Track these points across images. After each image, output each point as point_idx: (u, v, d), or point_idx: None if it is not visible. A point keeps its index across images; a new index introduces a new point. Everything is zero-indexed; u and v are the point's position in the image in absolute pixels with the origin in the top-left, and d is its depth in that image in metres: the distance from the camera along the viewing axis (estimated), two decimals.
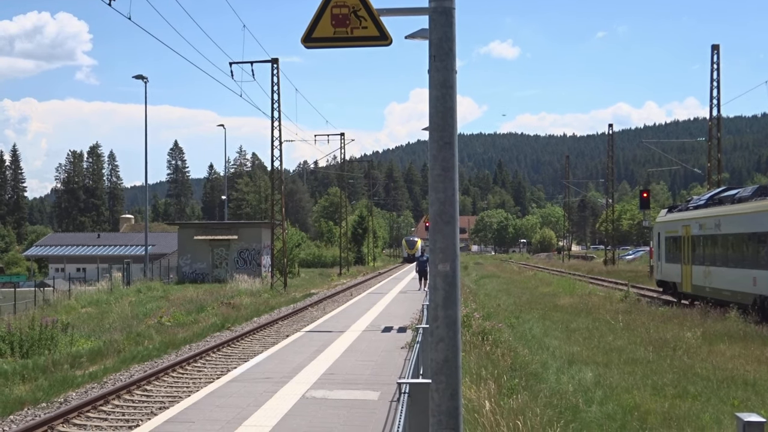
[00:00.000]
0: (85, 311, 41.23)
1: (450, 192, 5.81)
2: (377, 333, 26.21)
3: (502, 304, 35.86)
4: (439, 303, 5.80)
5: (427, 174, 28.62)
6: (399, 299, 42.69)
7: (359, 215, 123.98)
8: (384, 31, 6.37)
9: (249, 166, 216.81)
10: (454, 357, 5.81)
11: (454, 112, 5.89)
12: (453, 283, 5.82)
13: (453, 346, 5.81)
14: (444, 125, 5.85)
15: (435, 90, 5.88)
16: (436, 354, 5.81)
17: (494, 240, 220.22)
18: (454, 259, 5.82)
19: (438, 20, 5.93)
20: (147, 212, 73.74)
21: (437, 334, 5.80)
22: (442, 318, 5.79)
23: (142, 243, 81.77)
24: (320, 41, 6.38)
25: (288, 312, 38.27)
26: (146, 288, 53.77)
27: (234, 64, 49.86)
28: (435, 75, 5.89)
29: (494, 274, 71.44)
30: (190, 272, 65.20)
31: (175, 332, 29.54)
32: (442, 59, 5.89)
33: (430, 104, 5.91)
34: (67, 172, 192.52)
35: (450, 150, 5.85)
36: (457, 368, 5.83)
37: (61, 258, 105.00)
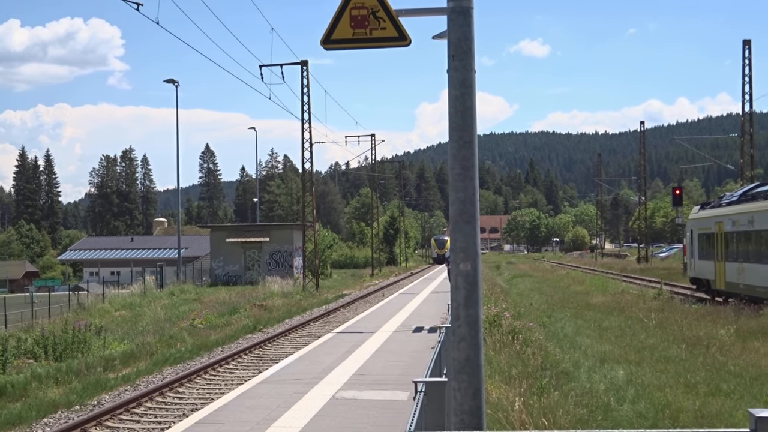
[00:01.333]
0: (118, 314, 41.52)
1: (470, 191, 5.81)
2: (408, 333, 26.21)
3: (534, 304, 35.70)
4: (460, 302, 5.81)
5: None
6: (431, 299, 42.66)
7: (391, 216, 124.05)
8: (403, 31, 6.38)
9: (281, 168, 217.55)
10: (476, 356, 5.81)
11: (473, 112, 5.90)
12: (474, 282, 5.82)
13: (475, 345, 5.81)
14: (463, 125, 5.86)
15: (454, 89, 5.89)
16: (458, 353, 5.81)
17: (527, 239, 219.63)
18: (475, 258, 5.82)
19: (456, 20, 5.94)
20: (180, 215, 74.12)
21: (459, 333, 5.80)
22: (464, 317, 5.80)
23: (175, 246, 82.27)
24: (339, 43, 6.41)
25: (320, 313, 38.34)
26: (179, 291, 54.05)
27: (264, 66, 50.05)
28: (454, 74, 5.90)
29: (526, 273, 71.19)
30: (222, 274, 65.48)
31: (208, 334, 29.69)
32: (461, 59, 5.89)
33: (449, 104, 5.92)
34: (100, 176, 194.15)
35: (470, 149, 5.86)
36: (480, 367, 5.83)
37: (95, 262, 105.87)
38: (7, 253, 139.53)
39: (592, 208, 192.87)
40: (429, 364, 7.02)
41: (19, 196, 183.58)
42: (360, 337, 25.26)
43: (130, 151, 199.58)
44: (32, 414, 16.62)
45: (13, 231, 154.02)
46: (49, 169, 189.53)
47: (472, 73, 5.90)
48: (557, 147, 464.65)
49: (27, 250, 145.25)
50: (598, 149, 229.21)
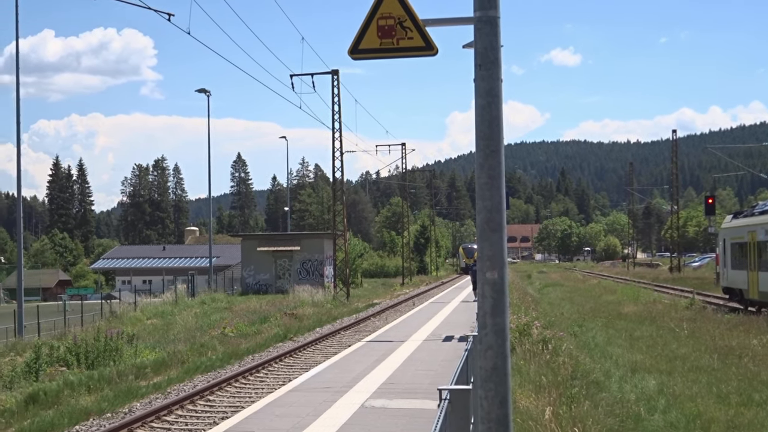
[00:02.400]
0: (150, 323, 41.78)
1: (497, 200, 5.84)
2: (438, 342, 26.20)
3: (565, 313, 35.60)
4: (487, 311, 5.83)
5: None
6: (461, 308, 42.59)
7: (422, 225, 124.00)
8: (430, 41, 6.42)
9: (311, 177, 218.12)
10: (503, 364, 5.83)
11: (500, 121, 5.92)
12: (501, 290, 5.84)
13: (502, 353, 5.83)
14: (490, 134, 5.88)
15: (481, 99, 5.92)
16: (484, 361, 5.83)
17: (558, 248, 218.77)
18: (502, 266, 5.84)
19: (483, 29, 5.97)
20: (211, 224, 74.56)
21: (486, 342, 5.82)
22: (491, 326, 5.82)
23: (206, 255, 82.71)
24: (367, 52, 6.46)
25: (350, 322, 38.38)
26: (210, 299, 54.29)
27: (295, 76, 50.27)
28: (480, 84, 5.93)
29: (558, 283, 70.93)
30: (253, 283, 65.70)
31: (238, 343, 29.81)
32: (488, 68, 5.92)
33: (476, 113, 5.95)
34: (132, 185, 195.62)
35: (496, 158, 5.88)
36: (506, 376, 5.84)
37: (128, 270, 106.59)
38: (40, 262, 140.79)
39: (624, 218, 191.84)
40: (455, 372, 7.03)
41: (53, 205, 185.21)
42: (390, 346, 25.28)
43: (162, 161, 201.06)
44: (64, 421, 16.77)
45: (47, 240, 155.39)
46: (82, 178, 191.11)
47: (498, 82, 5.93)
48: (589, 156, 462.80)
49: (60, 259, 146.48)
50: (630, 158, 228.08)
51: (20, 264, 42.81)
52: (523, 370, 17.18)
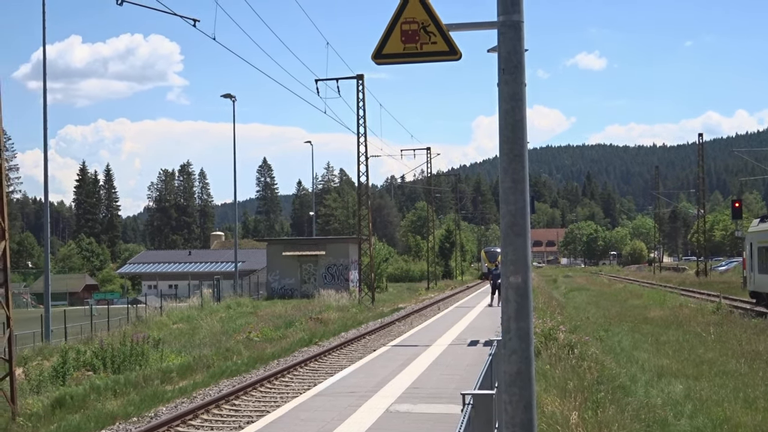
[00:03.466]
0: (176, 327, 41.96)
1: (521, 204, 5.84)
2: (463, 347, 26.16)
3: (591, 317, 35.47)
4: (511, 315, 5.82)
5: None
6: (486, 313, 42.52)
7: (447, 229, 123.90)
8: (453, 45, 6.41)
9: (337, 181, 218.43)
10: (527, 369, 5.82)
11: (523, 125, 5.92)
12: (525, 295, 5.84)
13: (526, 358, 5.82)
14: (514, 138, 5.88)
15: (504, 103, 5.92)
16: (509, 366, 5.83)
17: (584, 252, 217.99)
18: (525, 271, 5.84)
19: (507, 34, 5.98)
20: (237, 229, 74.80)
21: (510, 347, 5.82)
22: (515, 330, 5.81)
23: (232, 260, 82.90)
24: (390, 57, 6.46)
25: (375, 327, 38.40)
26: (236, 304, 54.47)
27: (320, 81, 50.40)
28: (504, 88, 5.93)
29: (583, 287, 70.67)
30: (278, 288, 65.85)
31: (264, 347, 29.88)
32: (512, 72, 5.93)
33: (499, 117, 5.96)
34: (159, 190, 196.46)
35: (520, 162, 5.88)
36: (531, 380, 5.83)
37: (154, 275, 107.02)
38: (67, 267, 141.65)
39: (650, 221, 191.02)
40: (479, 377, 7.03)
41: (80, 210, 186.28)
42: (415, 351, 25.27)
43: (187, 166, 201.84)
44: (90, 425, 16.86)
45: (74, 245, 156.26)
46: (108, 184, 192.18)
47: (522, 86, 5.93)
48: (614, 160, 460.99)
49: (87, 264, 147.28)
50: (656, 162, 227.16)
51: (47, 268, 43.09)
52: (548, 375, 17.13)
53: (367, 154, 55.70)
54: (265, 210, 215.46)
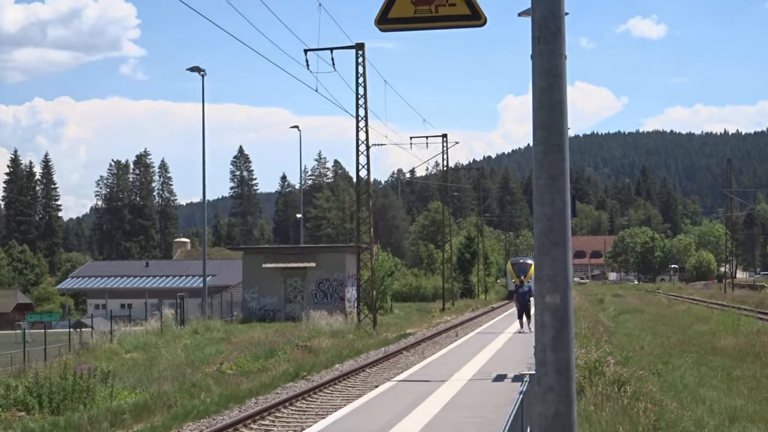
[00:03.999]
0: (129, 357, 41.95)
1: (559, 205, 5.82)
2: (487, 383, 26.15)
3: (646, 346, 35.46)
4: (547, 344, 5.81)
5: None
6: (516, 340, 42.51)
7: (467, 236, 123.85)
8: (476, 8, 6.40)
9: (330, 176, 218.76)
10: (568, 411, 5.81)
11: (563, 107, 5.90)
12: (564, 318, 5.82)
13: (566, 397, 5.81)
14: (551, 123, 5.86)
15: (539, 79, 5.90)
16: (544, 407, 5.82)
17: (637, 266, 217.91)
18: (565, 288, 5.82)
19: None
20: (205, 235, 74.86)
21: (545, 383, 5.81)
22: (552, 362, 5.80)
23: (199, 273, 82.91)
24: (398, 22, 6.39)
25: (377, 357, 38.37)
26: (204, 328, 54.41)
27: (310, 51, 50.39)
28: (539, 61, 5.90)
29: (637, 309, 70.63)
30: (257, 308, 65.84)
31: (239, 382, 29.86)
32: (548, 41, 5.91)
33: (533, 97, 5.94)
34: (109, 186, 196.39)
35: (559, 153, 5.86)
36: (572, 425, 5.82)
37: (102, 292, 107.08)
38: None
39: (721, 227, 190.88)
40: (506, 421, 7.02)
41: (10, 211, 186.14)
42: (427, 387, 25.25)
43: (145, 156, 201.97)
44: None
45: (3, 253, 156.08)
46: (47, 178, 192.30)
47: (561, 58, 5.91)
48: (676, 150, 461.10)
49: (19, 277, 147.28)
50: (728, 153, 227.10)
51: None
52: (593, 418, 17.12)
53: (368, 142, 55.68)
54: (242, 211, 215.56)
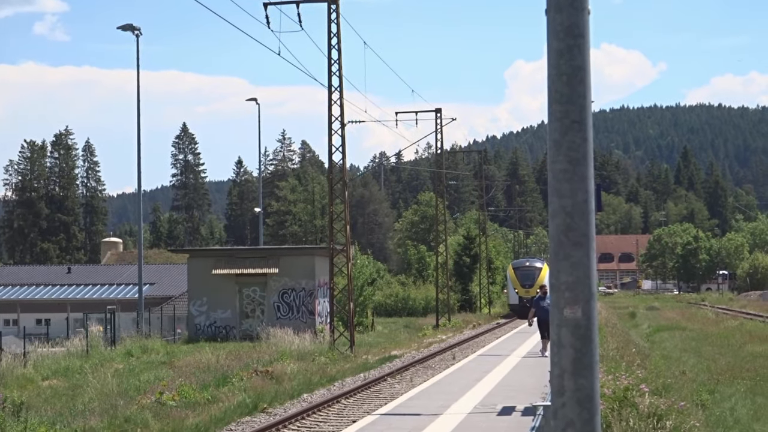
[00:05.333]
0: (48, 385, 41.85)
1: (581, 196, 5.80)
2: (491, 417, 26.21)
3: (688, 372, 35.58)
4: (565, 368, 5.80)
5: None
6: (527, 365, 42.59)
7: (466, 235, 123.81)
8: None
9: (297, 161, 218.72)
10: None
11: (585, 75, 5.88)
12: (587, 336, 5.82)
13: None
14: (570, 94, 5.84)
15: (556, 40, 5.87)
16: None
17: (677, 272, 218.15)
18: (587, 299, 5.81)
19: None
20: (141, 233, 74.58)
21: (563, 415, 5.80)
22: (571, 391, 5.79)
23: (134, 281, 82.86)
24: None
25: (355, 385, 38.40)
26: (140, 349, 54.35)
27: (270, 5, 50.31)
28: (556, 17, 5.87)
29: (677, 325, 70.82)
30: (206, 325, 65.82)
31: (183, 416, 29.85)
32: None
33: (548, 63, 5.90)
34: (21, 174, 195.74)
35: (580, 132, 5.84)
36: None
37: (13, 304, 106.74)
38: None
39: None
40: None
41: None
42: (416, 423, 25.31)
43: (66, 136, 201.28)
44: None
45: None
46: None
47: (584, 14, 5.88)
48: (725, 129, 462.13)
49: None
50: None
51: None
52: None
53: (343, 118, 55.64)
54: (187, 204, 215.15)
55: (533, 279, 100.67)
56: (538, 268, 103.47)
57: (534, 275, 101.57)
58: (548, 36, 5.92)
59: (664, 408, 22.51)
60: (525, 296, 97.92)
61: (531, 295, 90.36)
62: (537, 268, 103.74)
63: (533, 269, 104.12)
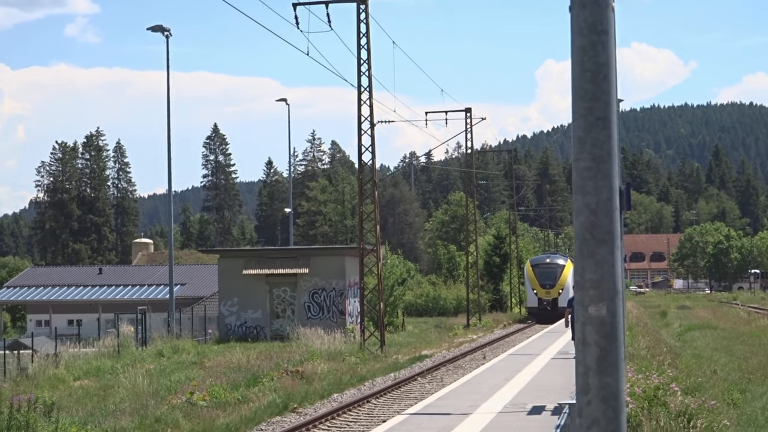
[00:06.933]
0: (79, 385, 41.97)
1: (605, 194, 5.79)
2: (521, 416, 26.16)
3: (720, 371, 35.44)
4: (590, 366, 5.78)
5: None
6: (557, 364, 42.51)
7: (496, 235, 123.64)
8: None
9: (327, 161, 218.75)
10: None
11: (609, 71, 5.88)
12: (612, 335, 5.80)
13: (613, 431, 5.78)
14: (594, 91, 5.83)
15: (580, 36, 5.87)
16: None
17: (709, 270, 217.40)
18: (612, 297, 5.79)
19: None
20: (172, 234, 74.69)
21: (588, 414, 5.78)
22: (597, 389, 5.77)
23: (165, 281, 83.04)
24: None
25: (385, 385, 38.43)
26: (171, 349, 54.44)
27: (299, 5, 50.34)
28: (579, 13, 5.87)
29: (708, 324, 70.58)
30: (236, 325, 65.86)
31: (213, 416, 29.88)
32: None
33: (572, 60, 5.91)
34: (52, 175, 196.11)
35: (605, 129, 5.83)
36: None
37: (45, 305, 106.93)
38: None
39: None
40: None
41: None
42: (446, 422, 25.28)
43: (98, 137, 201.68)
44: None
45: None
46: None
47: (607, 11, 5.88)
48: (757, 127, 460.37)
49: None
50: None
51: None
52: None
53: (372, 118, 55.64)
54: (217, 205, 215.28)
55: (554, 278, 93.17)
56: (560, 266, 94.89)
57: (555, 274, 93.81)
58: (572, 33, 5.92)
59: (695, 407, 22.42)
60: (545, 298, 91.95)
61: (552, 296, 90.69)
62: (559, 266, 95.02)
63: (554, 267, 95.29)
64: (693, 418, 21.33)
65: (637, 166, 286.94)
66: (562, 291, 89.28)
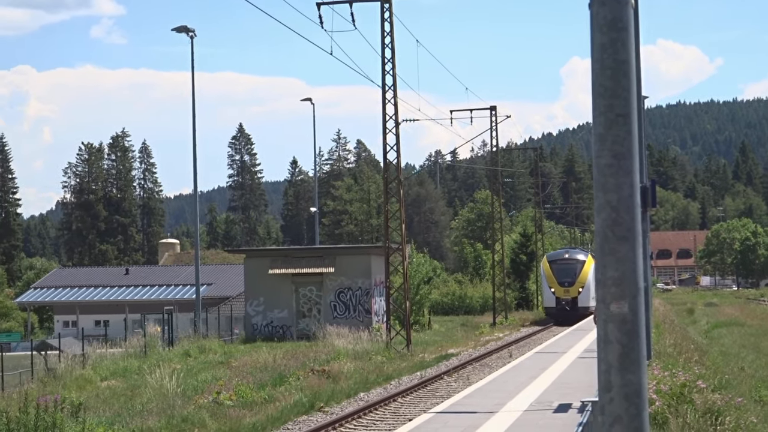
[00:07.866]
0: (106, 385, 42.09)
1: (626, 191, 5.78)
2: (547, 414, 26.13)
3: (748, 368, 35.36)
4: (612, 363, 5.78)
5: None
6: (583, 363, 42.42)
7: (522, 233, 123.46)
8: None
9: (352, 160, 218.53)
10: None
11: (629, 68, 5.87)
12: (634, 332, 5.79)
13: (636, 429, 5.77)
14: (614, 88, 5.83)
15: (600, 33, 5.87)
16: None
17: (736, 267, 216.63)
18: (634, 294, 5.78)
19: None
20: (198, 234, 74.83)
21: (611, 411, 5.77)
22: (619, 386, 5.77)
23: (191, 281, 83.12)
24: None
25: (412, 383, 38.46)
26: (197, 349, 54.55)
27: (323, 5, 50.37)
28: (599, 10, 5.87)
29: (736, 321, 70.45)
30: (263, 324, 65.92)
31: (240, 416, 29.93)
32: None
33: (592, 57, 5.91)
34: (79, 176, 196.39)
35: (625, 126, 5.82)
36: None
37: (72, 306, 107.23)
38: None
39: None
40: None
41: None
42: (472, 421, 25.26)
43: (123, 138, 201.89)
44: None
45: None
46: (3, 166, 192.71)
47: (627, 7, 5.88)
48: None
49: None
50: None
51: None
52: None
53: (397, 117, 55.64)
54: (243, 205, 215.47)
55: (574, 275, 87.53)
56: (580, 261, 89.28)
57: (575, 270, 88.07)
58: (592, 30, 5.92)
59: (721, 404, 22.36)
60: (564, 297, 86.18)
61: (572, 295, 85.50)
62: (579, 262, 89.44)
63: (574, 263, 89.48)
64: (720, 415, 21.27)
65: (663, 163, 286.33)
66: (582, 289, 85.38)
